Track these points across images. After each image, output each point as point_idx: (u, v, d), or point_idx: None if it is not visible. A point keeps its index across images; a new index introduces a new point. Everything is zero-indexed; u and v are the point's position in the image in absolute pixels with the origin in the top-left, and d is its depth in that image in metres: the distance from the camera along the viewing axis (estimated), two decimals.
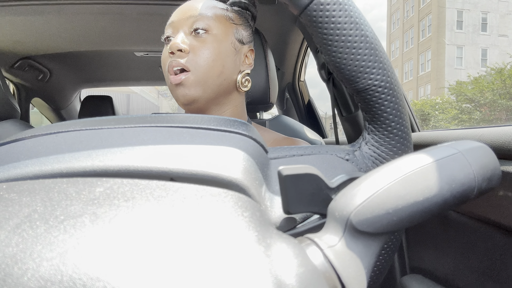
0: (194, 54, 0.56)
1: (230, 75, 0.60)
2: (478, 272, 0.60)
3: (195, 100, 0.57)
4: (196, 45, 0.57)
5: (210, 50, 0.57)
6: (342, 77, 0.34)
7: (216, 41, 0.58)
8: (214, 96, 0.59)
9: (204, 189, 0.18)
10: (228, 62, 0.59)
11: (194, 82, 0.56)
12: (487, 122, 20.29)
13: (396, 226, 0.21)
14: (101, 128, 0.27)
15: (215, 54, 0.57)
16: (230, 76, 0.60)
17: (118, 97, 13.90)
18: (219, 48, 0.58)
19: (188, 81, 0.56)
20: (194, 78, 0.56)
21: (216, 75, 0.58)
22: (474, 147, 0.24)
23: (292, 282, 0.15)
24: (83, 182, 0.18)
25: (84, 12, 1.14)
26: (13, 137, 0.26)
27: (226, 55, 0.59)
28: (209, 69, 0.57)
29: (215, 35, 0.58)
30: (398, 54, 36.50)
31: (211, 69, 0.57)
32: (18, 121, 0.92)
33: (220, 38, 0.58)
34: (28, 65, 1.58)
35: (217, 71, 0.58)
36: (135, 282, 0.13)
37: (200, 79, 0.56)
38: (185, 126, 0.27)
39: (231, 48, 0.60)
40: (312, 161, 0.34)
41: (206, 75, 0.57)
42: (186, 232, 0.15)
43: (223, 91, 0.60)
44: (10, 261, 0.13)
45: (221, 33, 0.59)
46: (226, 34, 0.60)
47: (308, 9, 0.32)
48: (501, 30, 30.66)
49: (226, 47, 0.59)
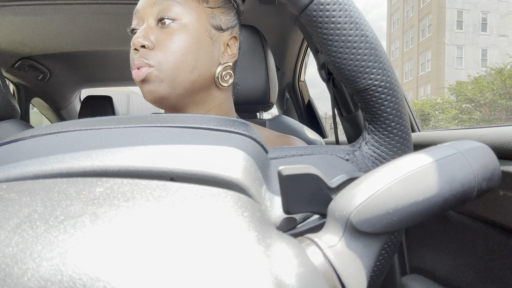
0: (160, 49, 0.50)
1: (206, 69, 0.53)
2: (478, 272, 0.60)
3: (163, 98, 0.51)
4: (162, 38, 0.50)
5: (179, 42, 0.50)
6: (342, 77, 0.34)
7: (185, 31, 0.50)
8: (187, 94, 0.53)
9: (204, 189, 0.18)
10: (202, 55, 0.52)
11: (159, 78, 0.50)
12: (487, 122, 20.29)
13: (396, 226, 0.21)
14: (101, 128, 0.27)
15: (185, 47, 0.50)
16: (206, 71, 0.53)
17: (118, 97, 13.90)
18: (189, 40, 0.50)
19: (151, 76, 0.49)
20: (157, 74, 0.49)
21: (187, 71, 0.51)
22: (474, 147, 0.24)
23: (292, 282, 0.15)
24: (83, 182, 0.18)
25: (84, 12, 1.14)
26: (13, 137, 0.26)
27: (199, 46, 0.51)
28: (178, 64, 0.50)
29: (185, 24, 0.50)
30: (398, 54, 36.51)
31: (181, 64, 0.50)
32: (18, 121, 0.92)
33: (190, 27, 0.51)
34: (28, 65, 1.58)
35: (188, 66, 0.50)
36: (135, 282, 0.13)
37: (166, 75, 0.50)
38: (185, 126, 0.27)
39: (205, 37, 0.52)
40: (312, 161, 0.34)
41: (175, 71, 0.50)
42: (186, 232, 0.15)
43: (198, 88, 0.53)
44: (10, 261, 0.13)
45: (192, 21, 0.51)
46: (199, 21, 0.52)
47: (308, 9, 0.32)
48: (501, 30, 30.67)
49: (199, 37, 0.52)
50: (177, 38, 0.50)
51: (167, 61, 0.49)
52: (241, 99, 0.82)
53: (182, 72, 0.50)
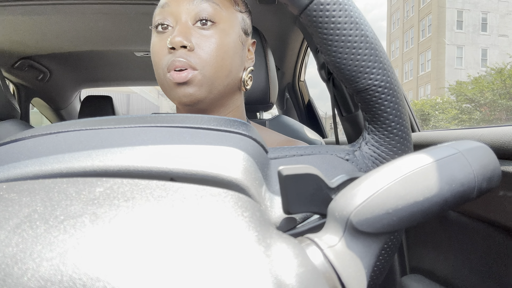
0: (200, 51, 0.48)
1: (237, 73, 0.53)
2: (478, 272, 0.60)
3: (199, 101, 0.50)
4: (201, 40, 0.48)
5: (219, 46, 0.49)
6: (342, 77, 0.34)
7: (224, 34, 0.49)
8: (219, 97, 0.53)
9: (204, 189, 0.18)
10: (236, 59, 0.52)
11: (201, 82, 0.49)
12: (487, 122, 20.30)
13: (396, 226, 0.21)
14: (101, 128, 0.27)
15: (224, 51, 0.49)
16: (237, 75, 0.53)
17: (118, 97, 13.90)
18: (228, 44, 0.50)
19: (195, 79, 0.48)
20: (201, 78, 0.48)
21: (224, 75, 0.50)
22: (474, 147, 0.24)
23: (292, 282, 0.15)
24: (83, 182, 0.18)
25: (84, 12, 1.14)
26: (13, 137, 0.26)
27: (234, 51, 0.51)
28: (218, 69, 0.49)
29: (223, 27, 0.50)
30: (398, 54, 36.52)
31: (220, 69, 0.49)
32: (18, 121, 0.92)
33: (228, 31, 0.50)
34: (28, 65, 1.58)
35: (225, 71, 0.50)
36: (135, 282, 0.13)
37: (208, 79, 0.49)
38: (185, 126, 0.27)
39: (238, 42, 0.52)
40: (312, 161, 0.34)
41: (215, 75, 0.49)
42: (186, 232, 0.15)
43: (228, 91, 0.54)
44: (10, 261, 0.13)
45: (229, 24, 0.50)
46: (234, 25, 0.51)
47: (308, 9, 0.32)
48: (501, 30, 30.68)
49: (235, 42, 0.51)
50: (217, 41, 0.49)
51: (208, 64, 0.48)
52: None
53: (220, 76, 0.50)
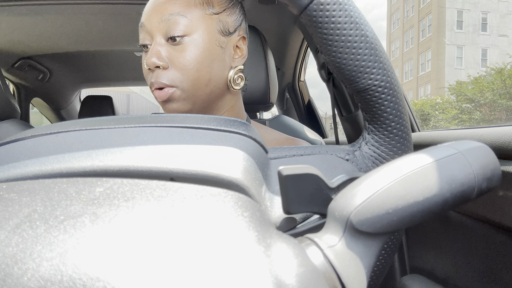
0: (175, 68, 0.49)
1: (220, 78, 0.53)
2: (478, 272, 0.60)
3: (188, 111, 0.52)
4: (174, 55, 0.49)
5: (192, 58, 0.49)
6: (342, 77, 0.34)
7: (196, 45, 0.49)
8: (207, 104, 0.53)
9: (204, 189, 0.18)
10: (215, 66, 0.51)
11: (181, 97, 0.50)
12: (487, 122, 20.30)
13: (396, 226, 0.21)
14: (101, 128, 0.27)
15: (198, 61, 0.49)
16: (220, 79, 0.53)
17: (118, 97, 13.91)
18: (202, 54, 0.50)
19: (175, 96, 0.50)
20: (180, 93, 0.50)
21: (204, 85, 0.51)
22: (474, 147, 0.24)
23: (292, 282, 0.15)
24: (83, 182, 0.18)
25: (84, 12, 1.14)
26: (13, 137, 0.26)
27: (211, 59, 0.51)
28: (195, 81, 0.50)
29: (194, 38, 0.49)
30: (398, 54, 36.51)
31: (197, 80, 0.50)
32: (18, 121, 0.92)
33: (200, 41, 0.50)
34: (28, 65, 1.58)
35: (204, 80, 0.50)
36: (135, 282, 0.13)
37: (187, 92, 0.50)
38: (185, 126, 0.27)
39: (215, 47, 0.51)
40: (312, 161, 0.34)
41: (193, 87, 0.50)
42: (186, 232, 0.15)
43: (215, 97, 0.54)
44: (10, 261, 0.13)
45: (201, 34, 0.50)
46: (207, 32, 0.50)
47: (308, 9, 0.32)
48: (501, 30, 30.67)
49: (210, 49, 0.50)
50: (189, 54, 0.49)
51: (185, 79, 0.49)
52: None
53: (200, 87, 0.50)
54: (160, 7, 0.49)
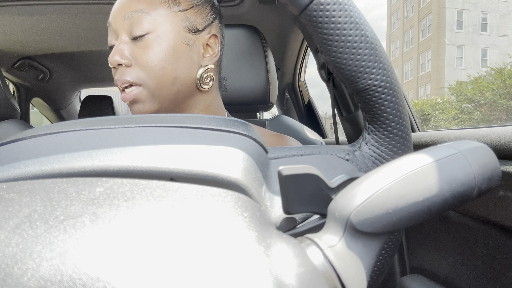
0: (138, 65, 0.48)
1: (187, 76, 0.51)
2: (478, 272, 0.60)
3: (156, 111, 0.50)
4: (137, 53, 0.48)
5: (155, 55, 0.48)
6: (342, 77, 0.34)
7: (160, 43, 0.48)
8: (175, 104, 0.51)
9: (204, 189, 0.18)
10: (180, 64, 0.50)
11: (146, 97, 0.49)
12: (487, 122, 20.30)
13: (396, 226, 0.21)
14: (101, 128, 0.27)
15: (162, 59, 0.48)
16: (187, 78, 0.51)
17: (118, 97, 13.88)
18: (166, 51, 0.48)
19: (140, 96, 0.49)
20: (146, 93, 0.49)
21: (170, 83, 0.49)
22: (474, 147, 0.24)
23: (292, 282, 0.15)
24: (83, 182, 0.18)
25: (84, 12, 1.14)
26: (13, 137, 0.26)
27: (177, 56, 0.49)
28: (160, 79, 0.48)
29: (158, 35, 0.48)
30: (398, 54, 36.51)
31: (162, 78, 0.48)
32: (18, 121, 0.92)
33: (164, 38, 0.48)
34: (28, 65, 1.58)
35: (169, 78, 0.49)
36: (135, 282, 0.13)
37: (152, 91, 0.49)
38: (185, 126, 0.27)
39: (181, 45, 0.49)
40: (312, 161, 0.34)
41: (158, 85, 0.49)
42: (186, 232, 0.15)
43: (183, 96, 0.52)
44: (10, 261, 0.13)
45: (165, 31, 0.48)
46: (172, 29, 0.49)
47: (308, 9, 0.32)
48: (501, 30, 30.67)
49: (175, 46, 0.49)
50: (153, 52, 0.48)
51: (148, 77, 0.48)
52: (241, 99, 0.82)
53: (165, 86, 0.49)
54: (124, 4, 0.49)
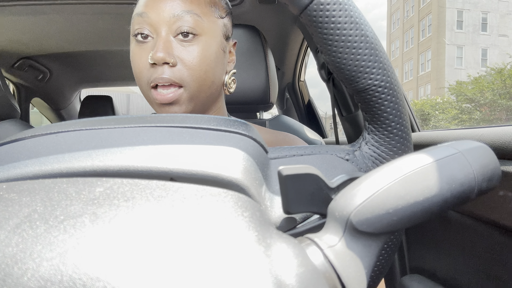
0: (183, 66, 0.46)
1: (219, 82, 0.52)
2: (478, 272, 0.60)
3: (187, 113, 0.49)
4: (183, 53, 0.47)
5: (201, 59, 0.47)
6: (342, 77, 0.34)
7: (206, 46, 0.48)
8: (203, 108, 0.52)
9: (204, 189, 0.18)
10: (217, 69, 0.50)
11: (186, 99, 0.47)
12: (487, 122, 20.30)
13: (396, 226, 0.21)
14: (101, 128, 0.27)
15: (206, 63, 0.47)
16: (219, 83, 0.52)
17: (118, 97, 13.90)
18: (210, 56, 0.48)
19: (181, 98, 0.47)
20: (187, 95, 0.47)
21: (207, 87, 0.49)
22: (474, 147, 0.24)
23: (292, 282, 0.15)
24: (83, 182, 0.18)
25: (84, 12, 1.14)
26: (13, 137, 0.26)
27: (216, 61, 0.49)
28: (201, 82, 0.48)
29: (205, 39, 0.48)
30: (398, 54, 36.51)
31: (203, 82, 0.48)
32: (18, 121, 0.92)
33: (210, 42, 0.48)
34: (28, 65, 1.58)
35: (208, 82, 0.49)
36: (135, 282, 0.13)
37: (193, 94, 0.48)
38: (185, 126, 0.27)
39: (220, 51, 0.50)
40: (312, 161, 0.34)
41: (199, 89, 0.48)
42: (186, 232, 0.15)
43: (211, 100, 0.52)
44: (10, 261, 0.13)
45: (210, 36, 0.48)
46: (215, 35, 0.49)
47: (308, 9, 0.32)
48: (501, 30, 30.67)
49: (217, 52, 0.49)
50: (200, 54, 0.47)
51: (192, 80, 0.47)
52: (241, 99, 0.82)
53: (203, 89, 0.49)
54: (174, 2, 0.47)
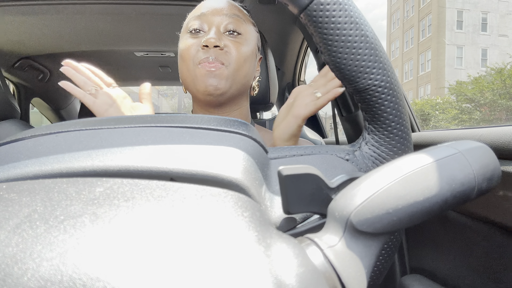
0: (228, 52, 0.60)
1: (250, 78, 0.65)
2: (478, 272, 0.60)
3: (222, 93, 0.60)
4: (229, 44, 0.60)
5: (242, 51, 0.61)
6: (342, 77, 0.34)
7: (246, 43, 0.62)
8: (236, 94, 0.63)
9: (204, 189, 0.18)
10: (251, 66, 0.64)
11: (225, 76, 0.59)
12: (487, 122, 20.30)
13: (396, 226, 0.21)
14: (101, 128, 0.27)
15: (246, 56, 0.62)
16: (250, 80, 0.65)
17: None
18: (248, 51, 0.63)
19: (222, 73, 0.59)
20: (227, 73, 0.60)
21: (243, 75, 0.62)
22: (474, 147, 0.24)
23: (292, 282, 0.15)
24: (83, 182, 0.18)
25: (84, 12, 1.14)
26: (13, 137, 0.26)
27: (251, 59, 0.64)
28: (240, 67, 0.61)
29: (247, 39, 0.63)
30: (398, 54, 36.50)
31: (241, 68, 0.61)
32: (18, 121, 0.92)
33: (249, 42, 0.63)
34: (28, 65, 1.58)
35: (244, 71, 0.62)
36: (135, 282, 0.13)
37: (231, 74, 0.60)
38: (185, 126, 0.27)
39: (254, 53, 0.65)
40: (312, 161, 0.34)
41: (237, 72, 0.61)
42: (186, 232, 0.15)
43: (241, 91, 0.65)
44: (10, 261, 0.13)
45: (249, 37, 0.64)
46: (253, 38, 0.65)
47: (308, 9, 0.31)
48: (501, 30, 30.65)
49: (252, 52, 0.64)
50: (241, 47, 0.61)
51: (234, 62, 0.60)
52: None
53: (240, 75, 0.62)
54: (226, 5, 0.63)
